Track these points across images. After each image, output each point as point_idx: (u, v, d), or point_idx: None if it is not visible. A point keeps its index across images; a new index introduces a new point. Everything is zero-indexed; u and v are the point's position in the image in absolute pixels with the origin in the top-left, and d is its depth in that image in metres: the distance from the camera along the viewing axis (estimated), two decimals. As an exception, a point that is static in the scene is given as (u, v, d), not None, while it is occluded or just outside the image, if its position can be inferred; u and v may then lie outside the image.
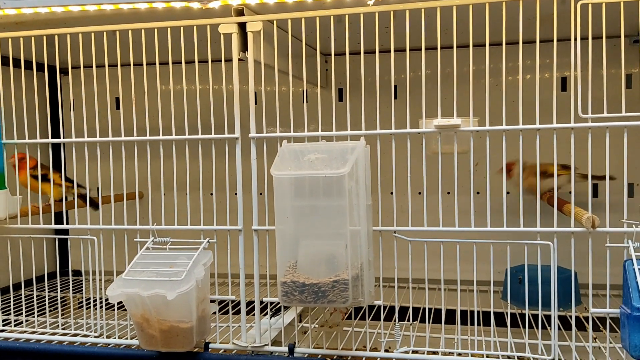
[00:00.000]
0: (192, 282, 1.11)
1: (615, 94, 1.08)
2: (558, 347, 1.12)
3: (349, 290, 1.05)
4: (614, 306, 1.07)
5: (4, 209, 1.32)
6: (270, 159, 1.15)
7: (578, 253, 1.10)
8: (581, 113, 1.06)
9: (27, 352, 1.28)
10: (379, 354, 1.18)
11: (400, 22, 1.12)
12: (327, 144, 1.12)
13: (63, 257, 1.98)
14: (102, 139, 1.30)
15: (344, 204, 1.04)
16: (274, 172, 1.07)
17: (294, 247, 1.09)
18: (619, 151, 1.07)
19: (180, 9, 1.21)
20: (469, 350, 1.17)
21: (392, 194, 1.15)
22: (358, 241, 1.07)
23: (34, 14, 1.26)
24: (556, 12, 1.05)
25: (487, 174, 1.12)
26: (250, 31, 1.17)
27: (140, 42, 1.22)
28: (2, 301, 1.59)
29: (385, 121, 1.16)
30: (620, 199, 1.14)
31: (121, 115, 1.27)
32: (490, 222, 1.12)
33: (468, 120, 1.11)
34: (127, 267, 1.17)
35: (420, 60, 1.12)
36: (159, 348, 1.16)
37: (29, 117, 1.32)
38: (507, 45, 1.07)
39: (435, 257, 1.16)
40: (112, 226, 1.31)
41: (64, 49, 1.28)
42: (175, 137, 1.25)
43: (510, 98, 1.10)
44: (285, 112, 1.20)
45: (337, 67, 1.30)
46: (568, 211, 1.18)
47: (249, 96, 1.19)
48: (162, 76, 1.23)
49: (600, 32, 1.03)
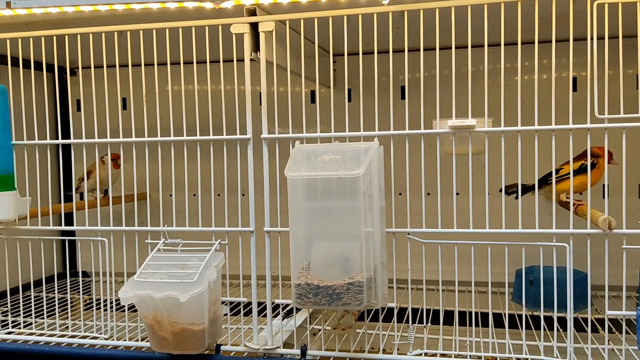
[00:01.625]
0: (205, 284, 1.10)
1: (627, 95, 1.07)
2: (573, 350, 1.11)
3: (363, 292, 1.04)
4: (626, 308, 1.06)
5: (14, 211, 1.32)
6: (282, 159, 1.14)
7: (590, 255, 1.10)
8: (597, 114, 1.05)
9: (35, 354, 1.27)
10: (392, 356, 1.17)
11: (412, 22, 1.12)
12: (339, 145, 1.12)
13: (72, 258, 1.98)
14: (112, 140, 1.29)
15: (359, 205, 1.03)
16: (287, 173, 1.06)
17: (307, 249, 1.08)
18: (633, 152, 1.06)
19: (193, 9, 1.20)
20: (482, 353, 1.16)
21: (401, 194, 1.14)
22: (372, 243, 1.06)
23: (45, 14, 1.25)
24: (572, 12, 1.04)
25: (502, 175, 1.11)
26: (262, 31, 1.17)
27: (151, 42, 1.21)
28: (11, 302, 1.58)
29: (394, 122, 1.16)
30: (636, 200, 1.13)
31: (132, 116, 1.27)
32: (505, 224, 1.11)
33: (483, 121, 1.10)
34: (137, 268, 1.16)
35: (431, 60, 1.11)
36: (170, 350, 1.16)
37: (38, 118, 1.32)
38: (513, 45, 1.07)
39: (448, 259, 1.15)
40: (122, 227, 1.31)
41: (73, 49, 1.27)
42: (187, 138, 1.25)
43: (517, 99, 1.09)
44: (296, 112, 1.20)
45: (346, 67, 1.29)
46: (583, 213, 1.17)
47: (261, 96, 1.19)
48: (174, 76, 1.22)
49: (612, 32, 1.02)
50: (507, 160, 1.10)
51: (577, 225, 1.11)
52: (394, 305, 1.18)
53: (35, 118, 1.31)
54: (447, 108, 1.12)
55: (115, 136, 1.29)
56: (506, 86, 1.57)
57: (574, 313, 1.20)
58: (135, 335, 1.33)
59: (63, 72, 1.95)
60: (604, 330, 1.15)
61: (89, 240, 1.33)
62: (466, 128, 1.10)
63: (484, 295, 1.37)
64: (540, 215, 1.11)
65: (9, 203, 1.30)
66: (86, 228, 1.36)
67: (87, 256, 1.41)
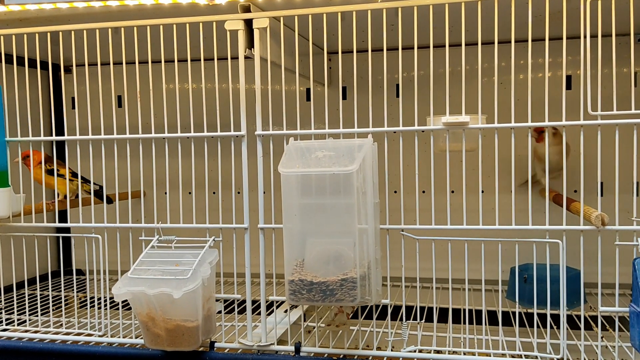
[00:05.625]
0: (198, 281, 1.10)
1: (620, 92, 1.08)
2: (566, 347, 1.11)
3: (357, 288, 1.04)
4: (619, 305, 1.06)
5: (7, 207, 1.32)
6: (276, 157, 1.14)
7: (583, 252, 1.10)
8: (590, 110, 1.05)
9: (30, 351, 1.27)
10: (386, 353, 1.18)
11: (406, 20, 1.12)
12: (334, 141, 1.12)
13: (66, 256, 1.98)
14: (106, 137, 1.29)
15: (352, 201, 1.03)
16: (281, 169, 1.06)
17: (301, 245, 1.08)
18: (626, 149, 1.07)
19: (187, 6, 1.20)
20: (476, 350, 1.17)
21: (396, 192, 1.14)
22: (366, 239, 1.06)
23: (39, 10, 1.25)
24: (565, 10, 1.04)
25: (495, 171, 1.11)
26: (256, 28, 1.17)
27: (145, 39, 1.21)
28: (5, 300, 1.58)
29: (389, 120, 1.16)
30: (629, 197, 1.13)
31: (126, 113, 1.26)
32: (499, 221, 1.11)
33: (476, 118, 1.10)
34: (131, 265, 1.16)
35: (426, 58, 1.11)
36: (164, 347, 1.16)
37: (32, 115, 1.31)
38: (505, 43, 1.07)
39: (441, 256, 1.15)
40: (116, 224, 1.30)
41: (68, 46, 1.27)
42: (181, 135, 1.25)
43: (514, 96, 1.09)
44: (291, 110, 1.20)
45: (340, 65, 1.29)
46: (576, 210, 1.17)
47: (256, 93, 1.19)
48: (168, 73, 1.22)
49: (605, 30, 1.02)
50: (501, 157, 1.11)
51: (570, 222, 1.11)
52: (388, 302, 1.18)
53: (30, 115, 1.31)
54: (441, 106, 1.12)
55: (110, 133, 1.29)
56: (501, 84, 1.57)
57: (568, 310, 1.21)
58: (130, 333, 1.33)
59: (57, 69, 1.94)
60: (597, 327, 1.16)
61: (83, 238, 1.33)
62: (460, 125, 1.10)
63: (478, 292, 1.37)
64: (534, 212, 1.12)
65: (2, 200, 1.30)
66: (80, 225, 1.36)
67: (81, 254, 1.41)
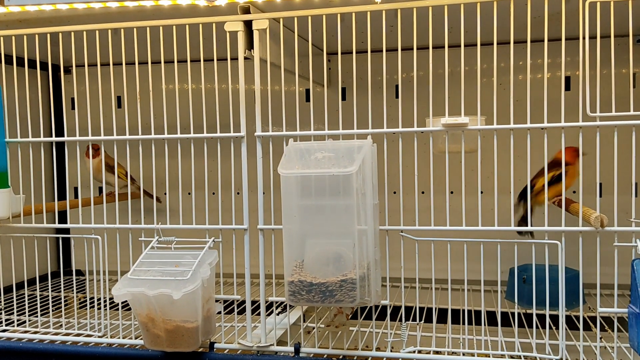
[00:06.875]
0: (198, 282, 1.10)
1: (619, 93, 1.08)
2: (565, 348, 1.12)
3: (356, 289, 1.04)
4: (618, 306, 1.07)
5: (7, 208, 1.32)
6: (275, 157, 1.14)
7: (582, 253, 1.10)
8: (589, 112, 1.05)
9: (30, 352, 1.27)
10: (385, 353, 1.18)
11: (405, 21, 1.12)
12: (333, 142, 1.12)
13: (66, 256, 1.98)
14: (106, 138, 1.29)
15: (352, 203, 1.03)
16: (281, 170, 1.06)
17: (301, 246, 1.08)
18: (625, 150, 1.07)
19: (187, 7, 1.21)
20: (475, 350, 1.17)
21: (395, 193, 1.14)
22: (365, 240, 1.06)
23: (38, 12, 1.25)
24: (564, 11, 1.05)
25: (494, 172, 1.12)
26: (256, 29, 1.17)
27: (145, 40, 1.21)
28: (5, 301, 1.58)
29: (388, 121, 1.16)
30: (628, 198, 1.13)
31: (126, 114, 1.27)
32: (498, 221, 1.12)
33: (475, 119, 1.11)
34: (131, 266, 1.16)
35: (425, 59, 1.11)
36: (164, 348, 1.16)
37: (32, 116, 1.31)
38: (504, 44, 1.07)
39: (441, 257, 1.15)
40: (116, 225, 1.30)
41: (67, 47, 1.27)
42: (180, 136, 1.25)
43: (513, 97, 1.09)
44: (290, 110, 1.20)
45: (340, 66, 1.30)
46: (575, 211, 1.17)
47: (255, 94, 1.19)
48: (167, 74, 1.22)
49: (604, 31, 1.03)
50: (500, 158, 1.11)
51: (570, 223, 1.11)
52: (387, 302, 1.18)
53: (29, 116, 1.31)
54: (440, 107, 1.12)
55: (109, 134, 1.29)
56: (500, 85, 1.57)
57: (567, 311, 1.21)
58: (129, 333, 1.33)
59: (57, 70, 1.94)
60: (596, 328, 1.16)
61: (82, 238, 1.33)
62: (459, 126, 1.10)
63: (477, 293, 1.38)
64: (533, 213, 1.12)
65: (2, 201, 1.30)
66: (80, 226, 1.36)
67: (80, 254, 1.41)
